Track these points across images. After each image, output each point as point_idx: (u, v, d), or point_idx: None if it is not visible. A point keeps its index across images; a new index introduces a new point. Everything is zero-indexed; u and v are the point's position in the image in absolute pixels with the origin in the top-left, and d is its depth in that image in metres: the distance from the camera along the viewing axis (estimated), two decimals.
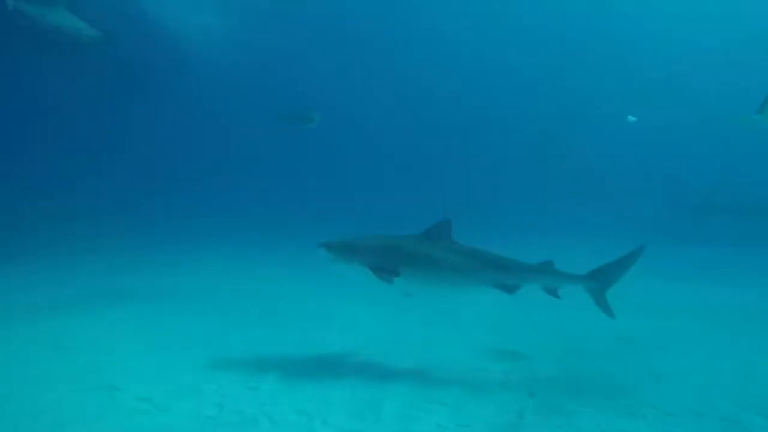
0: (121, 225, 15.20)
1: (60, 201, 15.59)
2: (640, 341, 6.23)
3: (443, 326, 6.71)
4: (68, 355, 5.28)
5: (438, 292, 5.53)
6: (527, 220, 17.65)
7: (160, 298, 8.04)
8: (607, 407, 4.33)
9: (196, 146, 24.40)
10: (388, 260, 4.80)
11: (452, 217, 5.07)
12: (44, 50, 14.76)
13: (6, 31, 14.16)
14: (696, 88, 24.33)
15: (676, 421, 4.16)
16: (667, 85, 25.07)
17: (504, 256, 5.05)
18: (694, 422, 4.14)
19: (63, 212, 14.76)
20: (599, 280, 5.03)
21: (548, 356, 5.62)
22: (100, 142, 20.71)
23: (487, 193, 22.40)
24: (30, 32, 14.37)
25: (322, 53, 26.27)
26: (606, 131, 24.90)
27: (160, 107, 21.81)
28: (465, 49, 29.04)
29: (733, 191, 19.14)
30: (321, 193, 22.36)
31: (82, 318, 6.76)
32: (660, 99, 23.80)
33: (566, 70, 27.55)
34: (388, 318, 7.03)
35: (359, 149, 26.07)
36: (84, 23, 10.15)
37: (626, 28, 28.27)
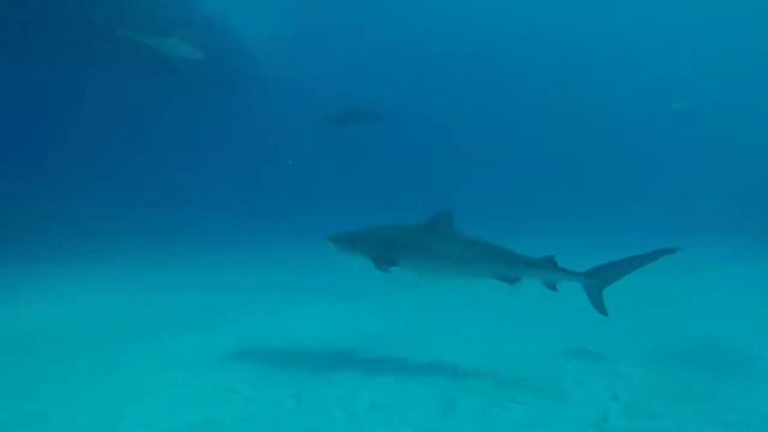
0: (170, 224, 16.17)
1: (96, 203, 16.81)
2: (735, 344, 5.75)
3: (515, 324, 6.56)
4: (150, 346, 5.68)
5: (438, 281, 5.47)
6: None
7: (222, 290, 8.49)
8: (699, 412, 4.05)
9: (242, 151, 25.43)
10: (388, 251, 4.87)
11: (454, 207, 5.04)
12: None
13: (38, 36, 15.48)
14: None
15: None
16: None
17: (504, 247, 4.94)
18: None
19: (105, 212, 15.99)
20: (596, 279, 4.90)
21: (628, 357, 5.33)
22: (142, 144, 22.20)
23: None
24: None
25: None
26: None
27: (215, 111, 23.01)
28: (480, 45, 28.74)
29: None
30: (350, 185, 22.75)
31: (156, 307, 7.29)
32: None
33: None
34: (459, 316, 6.98)
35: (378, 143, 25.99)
36: (192, 47, 10.98)
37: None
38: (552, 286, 4.91)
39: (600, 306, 4.94)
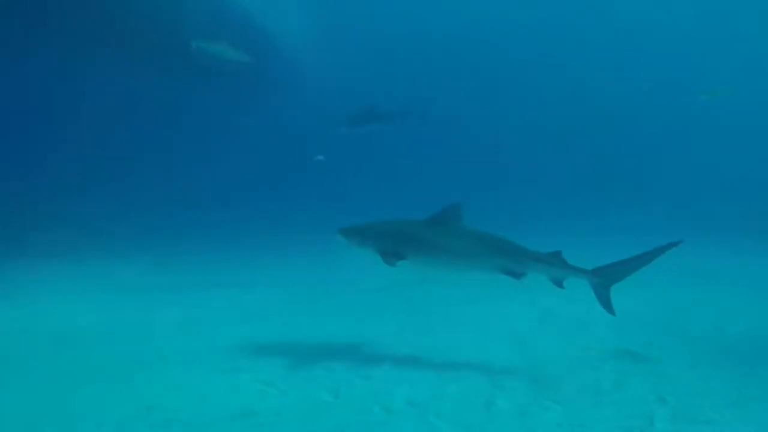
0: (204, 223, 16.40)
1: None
2: None
3: (551, 323, 6.43)
4: (189, 338, 5.78)
5: (445, 275, 5.48)
6: None
7: (253, 287, 8.57)
8: (753, 419, 3.86)
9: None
10: (396, 245, 4.92)
11: (462, 201, 5.05)
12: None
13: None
14: None
15: None
16: None
17: (510, 242, 4.92)
18: None
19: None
20: (603, 277, 4.91)
21: (676, 359, 5.14)
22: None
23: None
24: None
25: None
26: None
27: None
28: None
29: None
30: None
31: (193, 300, 7.41)
32: None
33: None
34: (498, 314, 6.90)
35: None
36: (240, 52, 11.26)
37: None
38: (559, 283, 4.89)
39: (607, 304, 4.95)
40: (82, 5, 14.53)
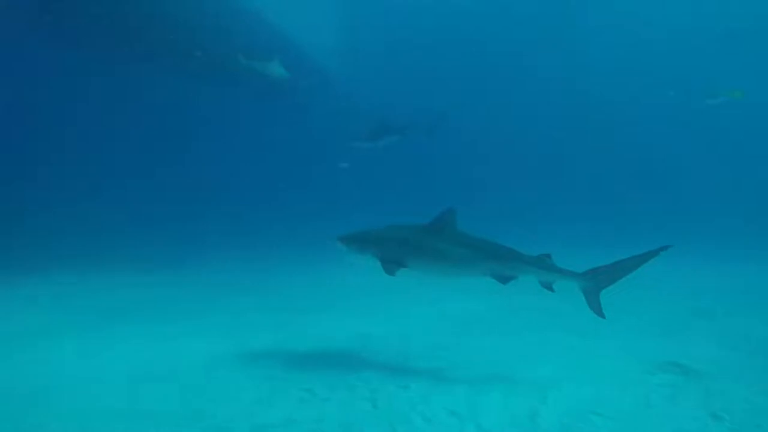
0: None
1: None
2: None
3: (601, 334, 6.22)
4: (228, 346, 5.85)
5: (440, 279, 5.46)
6: None
7: (279, 295, 8.67)
8: None
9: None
10: (394, 252, 4.98)
11: (457, 207, 5.05)
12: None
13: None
14: None
15: None
16: None
17: (502, 246, 4.92)
18: None
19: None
20: (594, 281, 4.84)
21: (729, 373, 4.91)
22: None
23: None
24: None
25: None
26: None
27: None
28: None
29: None
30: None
31: (220, 315, 7.44)
32: None
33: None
34: (544, 324, 6.79)
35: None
36: (285, 70, 11.82)
37: None
38: (549, 286, 4.85)
39: (597, 309, 4.86)
40: (92, 6, 14.90)
